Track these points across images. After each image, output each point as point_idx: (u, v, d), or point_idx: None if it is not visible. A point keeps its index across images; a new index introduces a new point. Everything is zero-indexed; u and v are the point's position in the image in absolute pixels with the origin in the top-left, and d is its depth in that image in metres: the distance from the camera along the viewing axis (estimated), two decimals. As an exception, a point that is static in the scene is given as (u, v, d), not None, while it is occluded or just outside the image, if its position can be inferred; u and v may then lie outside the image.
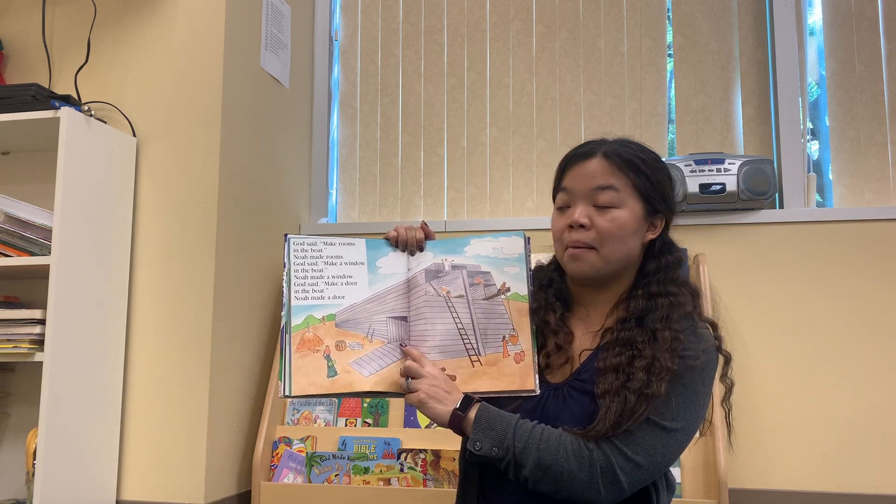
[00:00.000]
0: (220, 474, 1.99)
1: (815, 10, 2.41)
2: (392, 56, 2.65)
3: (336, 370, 1.21)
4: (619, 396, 1.13)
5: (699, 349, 1.17)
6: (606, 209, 1.20)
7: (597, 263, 1.21)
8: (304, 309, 1.24)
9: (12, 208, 1.85)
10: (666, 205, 1.25)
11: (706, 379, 1.19)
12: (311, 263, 1.28)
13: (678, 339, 1.16)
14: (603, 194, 1.20)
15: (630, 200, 1.21)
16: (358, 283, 1.28)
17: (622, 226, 1.20)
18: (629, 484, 1.13)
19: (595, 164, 1.22)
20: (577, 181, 1.23)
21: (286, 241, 1.29)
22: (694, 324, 1.21)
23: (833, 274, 2.16)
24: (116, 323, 1.97)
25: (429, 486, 1.98)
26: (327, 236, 1.32)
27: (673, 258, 1.25)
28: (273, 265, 2.34)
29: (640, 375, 1.13)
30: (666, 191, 1.25)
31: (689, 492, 1.90)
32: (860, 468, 2.05)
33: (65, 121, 1.82)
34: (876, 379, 2.09)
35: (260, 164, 2.26)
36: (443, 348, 1.25)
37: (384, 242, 1.33)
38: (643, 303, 1.20)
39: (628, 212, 1.20)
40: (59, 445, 1.76)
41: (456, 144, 2.57)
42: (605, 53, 2.50)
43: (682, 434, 1.16)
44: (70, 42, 2.16)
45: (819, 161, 2.38)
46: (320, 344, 1.22)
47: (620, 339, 1.19)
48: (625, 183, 1.21)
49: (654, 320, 1.18)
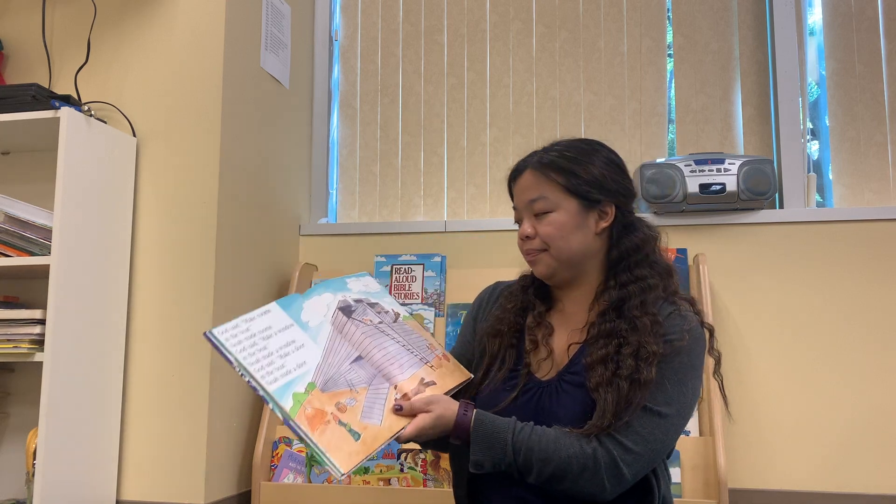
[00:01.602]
0: (220, 474, 1.99)
1: (815, 10, 2.41)
2: (392, 56, 2.65)
3: (356, 430, 1.16)
4: (612, 386, 1.16)
5: (683, 329, 1.21)
6: (544, 215, 1.28)
7: (552, 263, 1.29)
8: (284, 389, 1.17)
9: (12, 208, 1.85)
10: (607, 192, 1.28)
11: (694, 358, 1.22)
12: (252, 345, 1.22)
13: (658, 322, 1.21)
14: (536, 205, 1.29)
15: (563, 201, 1.27)
16: (305, 345, 1.24)
17: (560, 227, 1.27)
18: (632, 475, 1.15)
19: (525, 180, 1.32)
20: (517, 199, 1.34)
21: (210, 338, 1.21)
22: (676, 307, 1.25)
23: (833, 274, 2.16)
24: (116, 323, 1.97)
25: (429, 486, 1.98)
26: (238, 317, 1.26)
27: (634, 241, 1.29)
28: (273, 265, 2.34)
29: (629, 362, 1.17)
30: (602, 179, 1.28)
31: (689, 492, 1.90)
32: (860, 468, 2.05)
33: (65, 121, 1.82)
34: (876, 379, 2.09)
35: (260, 164, 2.26)
36: (409, 365, 1.27)
37: (294, 297, 1.31)
38: (616, 293, 1.26)
39: (563, 212, 1.27)
40: (59, 445, 1.76)
41: (456, 144, 2.57)
42: (605, 53, 2.50)
43: (678, 418, 1.19)
44: (70, 42, 2.16)
45: (819, 161, 2.38)
46: (325, 415, 1.16)
47: (603, 332, 1.23)
48: (553, 187, 1.28)
49: (630, 308, 1.23)
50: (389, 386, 1.23)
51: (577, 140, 1.35)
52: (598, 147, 1.33)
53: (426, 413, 1.19)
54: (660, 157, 2.39)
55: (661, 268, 1.29)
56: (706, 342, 1.26)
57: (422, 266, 2.31)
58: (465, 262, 2.37)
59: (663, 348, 1.19)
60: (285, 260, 2.43)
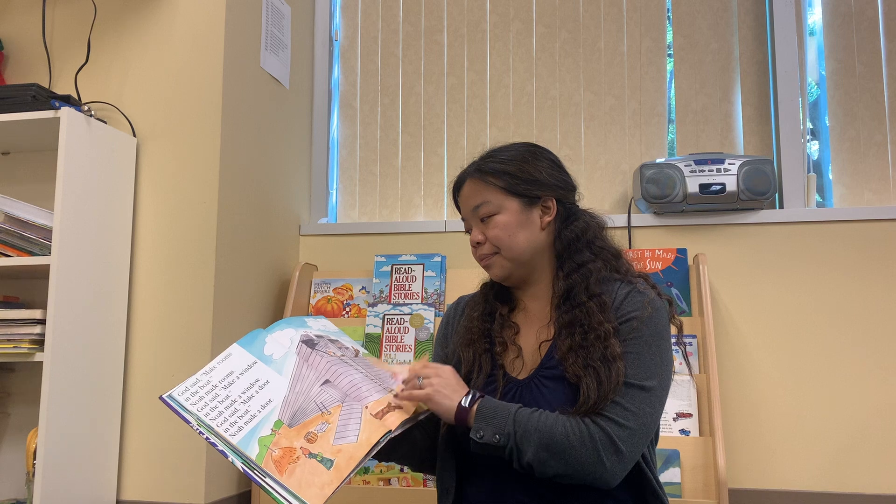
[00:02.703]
0: (220, 474, 1.99)
1: (815, 10, 2.41)
2: (392, 56, 2.65)
3: (328, 458, 1.15)
4: (588, 369, 1.19)
5: (644, 303, 1.25)
6: (489, 219, 1.32)
7: (505, 263, 1.33)
8: (249, 437, 1.15)
9: (12, 208, 1.85)
10: (544, 187, 1.32)
11: (661, 327, 1.25)
12: (213, 398, 1.20)
13: (604, 303, 1.25)
14: (480, 210, 1.33)
15: (505, 202, 1.31)
16: (270, 380, 1.24)
17: (505, 226, 1.31)
18: (629, 451, 1.17)
19: (466, 189, 1.36)
20: (462, 208, 1.38)
21: (167, 402, 1.20)
22: (633, 286, 1.29)
23: (833, 274, 2.16)
24: (116, 323, 1.97)
25: (429, 486, 1.98)
26: (198, 372, 1.26)
27: (573, 231, 1.32)
28: (273, 265, 2.34)
29: (598, 345, 1.21)
30: (534, 175, 1.32)
31: (689, 492, 1.90)
32: (860, 468, 2.05)
33: (65, 121, 1.82)
34: (876, 379, 2.09)
35: (260, 163, 2.26)
36: (375, 391, 1.26)
37: (256, 332, 1.32)
38: (563, 283, 1.30)
39: (507, 213, 1.31)
40: (59, 445, 1.76)
41: (456, 144, 2.57)
42: (605, 53, 2.50)
43: (660, 389, 1.22)
44: (70, 42, 2.16)
45: (819, 161, 2.38)
46: (294, 451, 1.15)
47: (562, 323, 1.27)
48: (493, 191, 1.32)
49: (577, 295, 1.27)
50: (361, 406, 1.22)
51: (510, 144, 1.39)
52: (531, 147, 1.38)
53: (435, 374, 1.24)
54: (660, 157, 2.39)
55: (607, 252, 1.33)
56: (668, 311, 1.30)
57: (422, 266, 2.31)
58: (465, 262, 2.37)
59: (615, 323, 1.23)
60: (285, 260, 2.43)
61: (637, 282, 1.30)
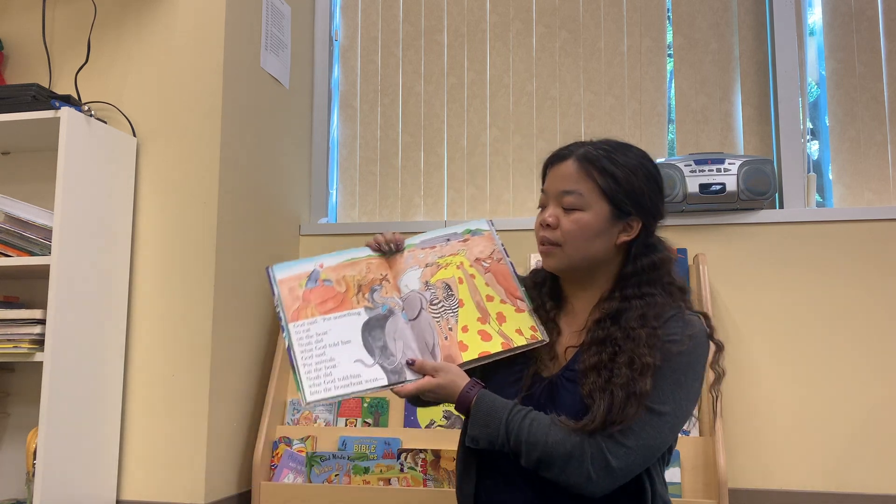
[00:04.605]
0: (220, 474, 1.99)
1: (815, 10, 2.41)
2: (392, 56, 2.65)
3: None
4: (605, 392, 1.16)
5: (685, 334, 1.20)
6: (571, 211, 1.25)
7: (562, 260, 1.27)
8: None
9: (12, 208, 1.85)
10: (640, 208, 1.26)
11: (694, 362, 1.21)
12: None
13: (655, 335, 1.19)
14: (567, 197, 1.25)
15: (596, 204, 1.25)
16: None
17: (584, 227, 1.24)
18: (622, 468, 1.14)
19: (566, 168, 1.27)
20: (550, 183, 1.30)
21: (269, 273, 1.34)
22: (680, 311, 1.24)
23: (833, 274, 2.16)
24: (116, 323, 1.97)
25: (429, 486, 1.98)
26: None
27: (652, 261, 1.27)
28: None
29: (624, 371, 1.16)
30: (641, 194, 1.25)
31: (689, 492, 1.90)
32: (860, 468, 2.05)
33: (65, 121, 1.82)
34: (876, 379, 2.09)
35: (260, 163, 2.26)
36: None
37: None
38: (617, 304, 1.24)
39: (592, 214, 1.24)
40: (59, 445, 1.76)
41: (456, 144, 2.57)
42: (605, 53, 2.50)
43: (672, 417, 1.17)
44: (70, 42, 2.16)
45: (819, 161, 2.38)
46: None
47: (596, 339, 1.22)
48: (591, 187, 1.25)
49: (628, 319, 1.21)
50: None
51: (626, 145, 1.30)
52: (648, 164, 1.29)
53: (431, 378, 1.23)
54: (660, 157, 2.39)
55: (675, 288, 1.27)
56: (708, 348, 1.25)
57: (422, 266, 2.31)
58: (465, 262, 2.37)
59: (658, 359, 1.17)
60: (285, 260, 2.42)
61: (686, 311, 1.25)
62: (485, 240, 1.41)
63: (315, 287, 1.35)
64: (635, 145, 1.31)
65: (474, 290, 1.35)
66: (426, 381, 1.23)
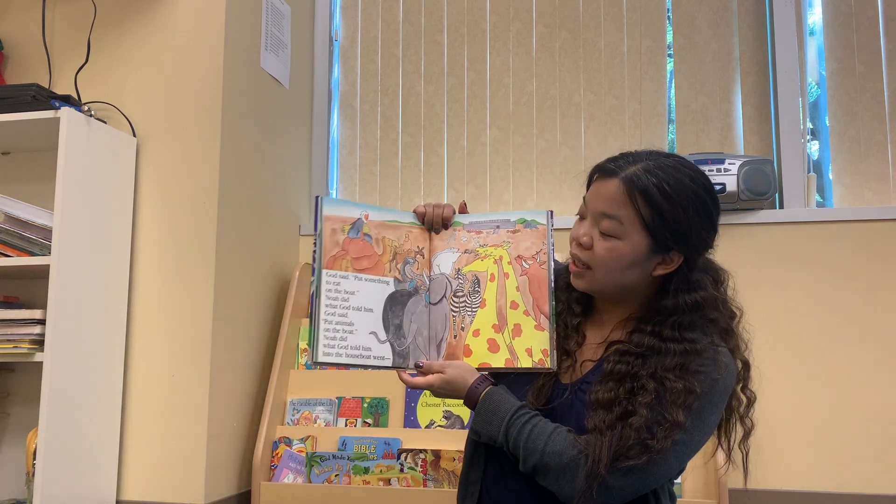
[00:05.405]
0: (220, 474, 1.99)
1: (815, 10, 2.41)
2: (392, 56, 2.65)
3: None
4: (613, 430, 1.09)
5: (710, 375, 1.12)
6: (608, 236, 1.16)
7: (592, 284, 1.21)
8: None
9: (12, 208, 1.85)
10: (683, 243, 1.15)
11: (715, 391, 1.13)
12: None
13: (693, 391, 1.09)
14: (605, 221, 1.16)
15: (635, 234, 1.14)
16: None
17: (618, 257, 1.16)
18: (618, 486, 1.10)
19: (610, 187, 1.16)
20: (592, 198, 1.20)
21: (317, 202, 1.30)
22: (715, 347, 1.16)
23: (833, 274, 2.16)
24: (116, 323, 1.97)
25: (429, 486, 1.98)
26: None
27: (695, 300, 1.17)
28: (273, 265, 2.34)
29: (644, 413, 1.09)
30: (687, 229, 1.14)
31: (689, 492, 1.90)
32: (860, 468, 2.05)
33: (65, 121, 1.82)
34: (876, 379, 2.09)
35: (260, 164, 2.26)
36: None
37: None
38: (650, 341, 1.15)
39: (629, 245, 1.15)
40: (59, 445, 1.76)
41: (456, 144, 2.57)
42: (605, 53, 2.50)
43: (683, 445, 1.11)
44: (70, 42, 2.16)
45: (819, 161, 2.38)
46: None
47: (616, 373, 1.14)
48: (632, 215, 1.14)
49: (664, 368, 1.11)
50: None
51: (683, 167, 1.17)
52: (699, 192, 1.15)
53: (440, 374, 1.23)
54: (660, 157, 2.39)
55: (718, 328, 1.19)
56: (732, 386, 1.17)
57: (422, 266, 2.31)
58: (465, 262, 2.37)
59: (688, 418, 1.09)
60: (285, 260, 2.43)
61: (721, 350, 1.16)
62: (535, 235, 1.32)
63: (356, 239, 1.30)
64: (694, 166, 1.18)
65: (501, 293, 1.31)
66: (435, 377, 1.23)
